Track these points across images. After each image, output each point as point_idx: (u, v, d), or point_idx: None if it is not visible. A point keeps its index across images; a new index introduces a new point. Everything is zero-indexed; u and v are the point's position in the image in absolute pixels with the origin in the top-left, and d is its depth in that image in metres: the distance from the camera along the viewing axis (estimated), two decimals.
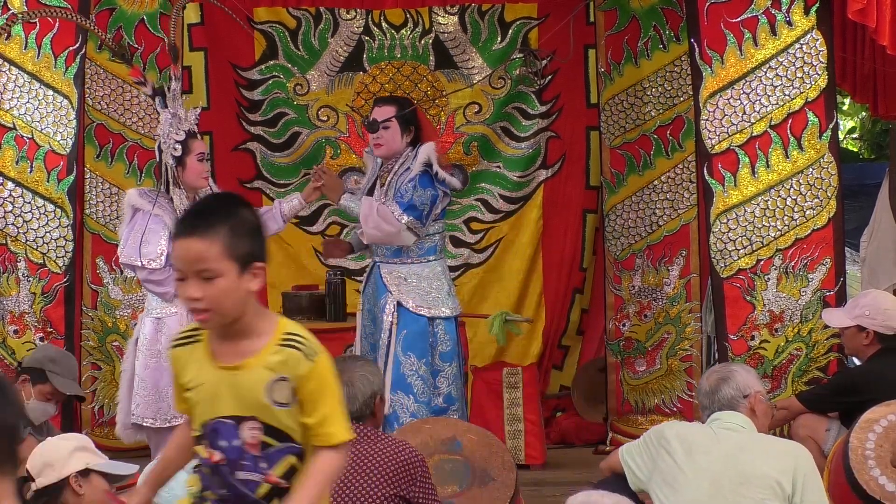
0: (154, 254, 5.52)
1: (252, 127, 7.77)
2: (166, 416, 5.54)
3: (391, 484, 3.65)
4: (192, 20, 7.60)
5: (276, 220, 5.94)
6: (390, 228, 5.75)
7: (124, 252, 5.57)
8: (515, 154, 7.89)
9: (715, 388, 4.21)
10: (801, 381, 5.83)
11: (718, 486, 3.92)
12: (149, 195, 5.62)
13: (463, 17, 7.77)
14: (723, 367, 4.44)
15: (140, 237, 5.52)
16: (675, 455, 4.03)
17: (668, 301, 7.13)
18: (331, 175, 6.09)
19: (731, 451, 4.01)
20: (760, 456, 3.98)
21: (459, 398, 5.97)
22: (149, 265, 5.52)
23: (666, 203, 7.14)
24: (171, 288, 5.55)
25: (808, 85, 5.79)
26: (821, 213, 5.82)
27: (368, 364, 4.04)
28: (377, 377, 3.95)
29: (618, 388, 7.28)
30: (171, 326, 5.61)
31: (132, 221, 5.60)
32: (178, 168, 5.58)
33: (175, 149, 5.57)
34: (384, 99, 6.25)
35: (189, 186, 5.64)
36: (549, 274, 7.91)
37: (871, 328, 5.42)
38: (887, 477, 4.37)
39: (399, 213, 5.75)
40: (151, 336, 5.58)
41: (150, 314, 5.63)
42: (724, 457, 3.99)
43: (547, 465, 6.82)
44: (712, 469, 3.96)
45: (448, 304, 5.91)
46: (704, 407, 4.23)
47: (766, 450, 4.03)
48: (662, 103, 7.12)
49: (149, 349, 5.57)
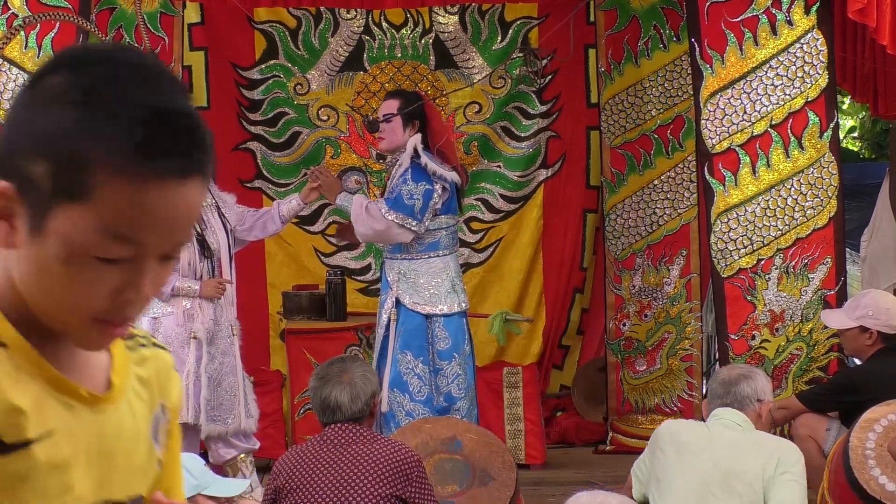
0: None
1: (252, 126, 7.77)
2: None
3: (387, 484, 3.66)
4: (192, 20, 7.60)
5: (274, 221, 5.97)
6: (379, 227, 5.75)
7: None
8: (516, 154, 7.89)
9: (735, 381, 4.21)
10: (802, 381, 5.83)
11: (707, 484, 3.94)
12: None
13: (463, 17, 7.77)
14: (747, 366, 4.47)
15: None
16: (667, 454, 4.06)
17: (669, 301, 7.13)
18: (327, 175, 6.10)
19: (723, 449, 4.03)
20: (752, 452, 4.00)
21: (463, 396, 5.90)
22: None
23: (666, 203, 7.15)
24: (167, 286, 5.56)
25: (808, 84, 5.78)
26: (821, 212, 5.82)
27: (364, 364, 4.06)
28: (375, 376, 3.98)
29: (618, 388, 7.28)
30: (167, 326, 5.63)
31: None
32: None
33: None
34: (391, 92, 6.32)
35: None
36: (549, 273, 7.91)
37: (874, 328, 5.41)
38: (887, 476, 4.36)
39: (385, 209, 5.73)
40: None
41: (147, 314, 5.63)
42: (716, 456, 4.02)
43: (547, 465, 6.82)
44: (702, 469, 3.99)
45: (447, 301, 5.87)
46: (716, 395, 4.22)
47: (758, 446, 4.04)
48: (663, 103, 7.13)
49: None
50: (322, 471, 3.70)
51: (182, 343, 5.66)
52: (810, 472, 5.30)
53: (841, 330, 5.56)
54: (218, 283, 5.76)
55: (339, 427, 3.79)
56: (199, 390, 5.67)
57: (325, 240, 7.84)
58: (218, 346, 5.75)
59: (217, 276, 5.79)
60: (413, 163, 5.79)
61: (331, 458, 3.73)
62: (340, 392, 3.82)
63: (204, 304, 5.72)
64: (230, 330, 5.84)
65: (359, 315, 6.98)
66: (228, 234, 5.88)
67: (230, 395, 5.76)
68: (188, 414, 5.61)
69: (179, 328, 5.67)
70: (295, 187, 7.66)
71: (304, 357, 6.81)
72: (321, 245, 7.85)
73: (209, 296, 5.73)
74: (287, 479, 3.74)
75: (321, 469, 3.71)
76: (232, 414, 5.76)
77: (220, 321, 5.78)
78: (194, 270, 5.73)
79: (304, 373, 6.82)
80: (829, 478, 4.58)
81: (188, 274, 5.71)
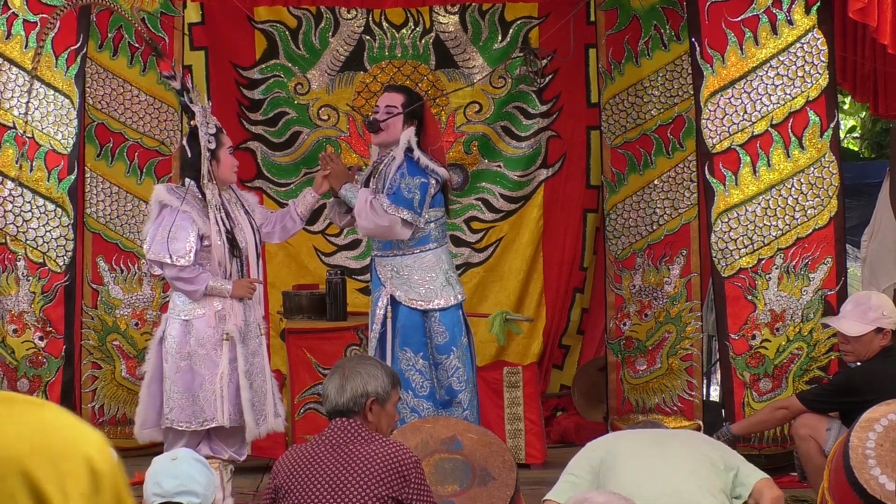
0: (183, 251, 5.43)
1: (252, 126, 7.77)
2: (200, 419, 5.52)
3: (383, 485, 3.65)
4: (192, 20, 7.60)
5: (294, 220, 5.88)
6: (383, 223, 5.72)
7: (152, 249, 5.47)
8: (516, 153, 7.88)
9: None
10: (802, 381, 5.83)
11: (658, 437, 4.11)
12: (177, 192, 5.54)
13: (463, 17, 7.77)
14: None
15: (168, 234, 5.43)
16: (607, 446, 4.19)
17: (669, 300, 7.13)
18: (338, 162, 6.01)
19: (660, 436, 4.18)
20: (689, 438, 4.18)
21: (464, 389, 5.89)
22: (178, 262, 5.43)
23: (667, 202, 7.15)
24: (200, 286, 5.48)
25: (809, 84, 5.78)
26: (822, 212, 5.82)
27: (376, 367, 3.95)
28: (378, 381, 3.85)
29: (618, 388, 7.28)
30: (199, 329, 5.53)
31: (159, 218, 5.51)
32: (212, 162, 5.54)
33: (210, 141, 5.53)
34: (395, 86, 6.28)
35: (221, 181, 5.61)
36: (549, 273, 7.90)
37: (889, 327, 5.38)
38: (888, 476, 4.36)
39: (388, 204, 5.71)
40: (180, 338, 5.50)
41: (178, 316, 5.54)
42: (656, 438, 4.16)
43: (547, 465, 6.81)
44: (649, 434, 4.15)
45: (442, 295, 5.85)
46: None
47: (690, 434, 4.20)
48: (663, 102, 7.13)
49: (178, 352, 5.50)
50: (319, 470, 3.70)
51: (215, 345, 5.53)
52: (811, 472, 5.31)
53: (856, 337, 5.48)
54: (250, 283, 5.66)
55: (336, 424, 3.79)
56: (232, 392, 5.54)
57: (326, 239, 7.84)
58: (248, 347, 5.64)
59: (246, 275, 5.69)
60: (406, 156, 5.78)
61: (328, 457, 3.72)
62: (332, 382, 3.82)
63: (235, 304, 5.59)
64: (258, 330, 5.74)
65: (359, 315, 6.97)
66: (255, 233, 5.78)
67: (260, 396, 5.68)
68: (223, 417, 5.51)
69: (212, 329, 5.53)
70: (295, 187, 7.67)
71: (304, 357, 6.81)
72: (321, 245, 7.85)
73: (240, 296, 5.60)
74: (286, 479, 3.75)
75: (319, 469, 3.71)
76: (263, 415, 5.69)
77: (249, 321, 5.67)
78: (224, 269, 5.59)
79: (304, 372, 6.83)
80: (829, 477, 4.58)
81: (219, 273, 5.56)
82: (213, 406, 5.52)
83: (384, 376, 3.89)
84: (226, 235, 5.57)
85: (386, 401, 3.87)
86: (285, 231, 5.91)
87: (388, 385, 3.88)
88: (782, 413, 5.44)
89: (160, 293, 7.21)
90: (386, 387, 3.87)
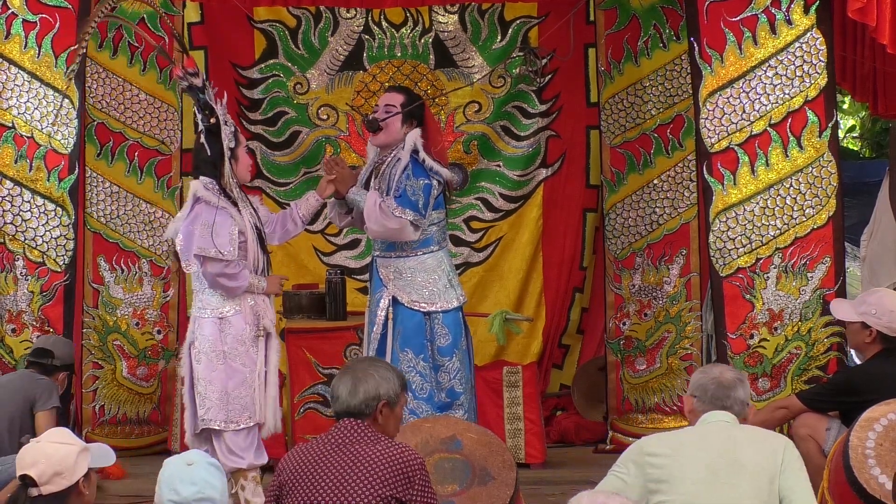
0: (227, 245, 5.36)
1: (252, 126, 7.77)
2: (236, 419, 5.40)
3: (387, 485, 3.65)
4: (192, 19, 7.60)
5: (295, 222, 5.82)
6: (393, 225, 5.72)
7: (196, 244, 5.36)
8: (515, 153, 7.89)
9: (733, 385, 4.15)
10: (801, 380, 5.83)
11: (714, 472, 3.91)
12: (213, 188, 5.44)
13: (463, 16, 7.77)
14: (731, 368, 4.36)
15: (210, 228, 5.34)
16: (661, 459, 3.99)
17: (669, 300, 7.14)
18: (343, 166, 5.97)
19: (723, 441, 3.99)
20: (751, 444, 3.97)
21: (465, 391, 5.89)
22: (226, 256, 5.34)
23: (666, 202, 7.15)
24: (244, 283, 5.40)
25: (807, 84, 5.79)
26: (820, 211, 5.82)
27: (389, 370, 3.93)
28: (390, 384, 3.83)
29: (618, 387, 7.28)
30: (237, 326, 5.43)
31: (193, 212, 5.41)
32: (231, 160, 5.51)
33: (230, 139, 5.50)
34: (395, 87, 6.29)
35: (239, 179, 5.58)
36: (549, 273, 7.90)
37: (875, 327, 5.39)
38: (887, 476, 4.37)
39: (395, 206, 5.71)
40: (214, 337, 5.39)
41: (209, 315, 5.43)
42: (717, 447, 3.97)
43: (547, 464, 6.83)
44: (706, 459, 3.94)
45: (445, 297, 5.86)
46: (716, 398, 4.13)
47: (753, 437, 4.02)
48: (662, 102, 7.13)
49: (212, 350, 5.39)
50: (323, 470, 3.70)
51: (252, 341, 5.46)
52: (810, 472, 5.30)
53: (847, 322, 5.54)
54: (279, 280, 5.67)
55: (343, 424, 3.79)
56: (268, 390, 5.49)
57: (325, 239, 7.85)
58: (272, 345, 5.60)
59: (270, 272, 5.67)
60: (412, 158, 5.79)
61: (333, 457, 3.72)
62: (344, 383, 3.81)
63: (267, 300, 5.55)
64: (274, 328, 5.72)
65: (359, 314, 6.96)
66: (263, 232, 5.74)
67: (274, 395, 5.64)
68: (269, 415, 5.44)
69: (249, 326, 5.46)
70: (295, 186, 7.68)
71: (303, 356, 6.81)
72: (321, 244, 7.85)
73: (272, 292, 5.59)
74: (290, 477, 3.75)
75: (323, 468, 3.71)
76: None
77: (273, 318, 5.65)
78: (257, 266, 5.54)
79: (304, 372, 6.83)
80: (829, 477, 4.59)
81: (253, 270, 5.50)
82: (253, 404, 5.42)
83: (395, 379, 3.87)
84: (256, 232, 5.54)
85: (396, 404, 3.86)
86: (286, 233, 5.86)
87: (399, 388, 3.87)
88: (782, 413, 5.44)
89: (160, 293, 7.22)
90: (396, 390, 3.85)
